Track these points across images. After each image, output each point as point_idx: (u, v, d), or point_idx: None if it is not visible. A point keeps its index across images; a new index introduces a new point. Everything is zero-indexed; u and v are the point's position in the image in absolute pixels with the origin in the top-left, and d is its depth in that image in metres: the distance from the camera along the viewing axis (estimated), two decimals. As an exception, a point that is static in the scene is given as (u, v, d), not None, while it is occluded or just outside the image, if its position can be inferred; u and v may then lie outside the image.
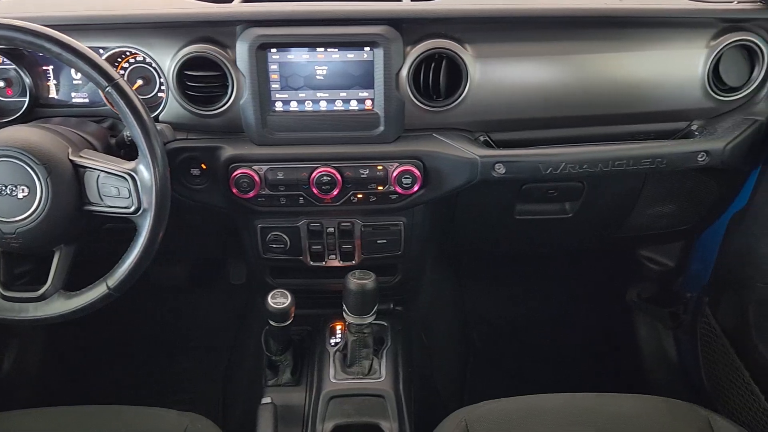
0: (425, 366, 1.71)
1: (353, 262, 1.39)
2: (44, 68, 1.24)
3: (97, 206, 1.07)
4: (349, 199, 1.27)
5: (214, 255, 1.93)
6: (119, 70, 1.23)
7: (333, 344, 1.42)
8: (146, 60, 1.21)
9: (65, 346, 1.87)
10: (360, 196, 1.27)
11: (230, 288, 2.01)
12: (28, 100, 1.23)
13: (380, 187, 1.25)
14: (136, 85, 1.24)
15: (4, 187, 1.02)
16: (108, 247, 1.14)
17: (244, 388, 1.68)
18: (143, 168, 1.04)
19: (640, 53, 1.24)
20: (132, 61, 1.23)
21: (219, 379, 1.89)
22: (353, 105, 1.22)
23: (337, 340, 1.43)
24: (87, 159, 1.06)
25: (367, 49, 1.18)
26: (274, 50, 1.17)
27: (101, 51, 1.20)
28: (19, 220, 1.03)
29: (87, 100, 1.26)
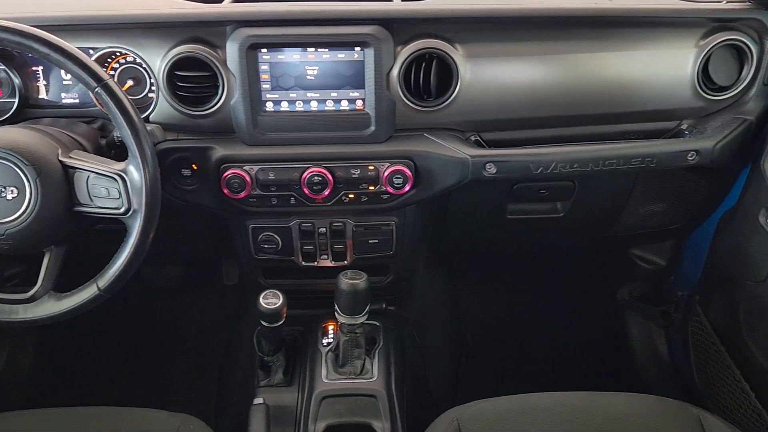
0: (418, 366, 1.71)
1: (345, 262, 1.39)
2: (34, 69, 1.24)
3: (87, 207, 1.07)
4: (340, 199, 1.27)
5: (206, 256, 1.93)
6: (109, 71, 1.23)
7: (325, 344, 1.42)
8: (136, 60, 1.21)
9: (57, 347, 1.86)
10: (351, 196, 1.27)
11: (223, 289, 2.01)
12: (18, 101, 1.22)
13: (371, 187, 1.26)
14: (126, 86, 1.23)
15: None
16: (99, 248, 1.13)
17: (237, 389, 1.68)
18: (133, 169, 1.03)
19: (630, 53, 1.24)
20: (122, 61, 1.23)
21: (212, 379, 1.88)
22: (344, 105, 1.22)
23: (330, 341, 1.43)
24: (76, 160, 1.05)
25: (357, 49, 1.18)
26: (264, 50, 1.17)
27: (91, 51, 1.19)
28: (9, 222, 1.03)
29: (77, 101, 1.25)
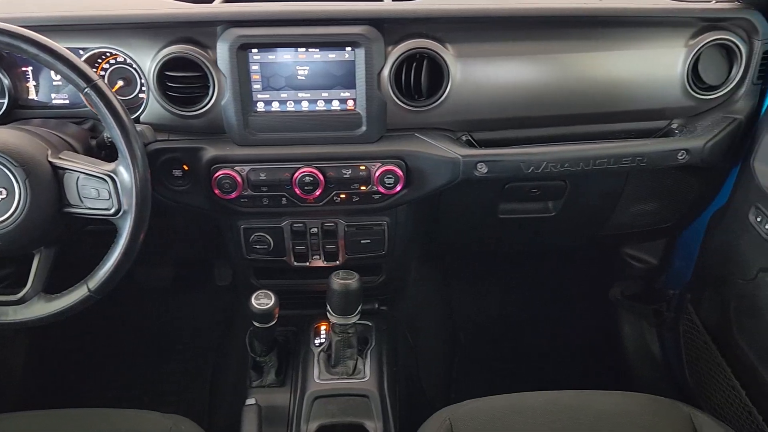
0: (411, 365, 1.71)
1: (337, 262, 1.39)
2: (23, 69, 1.23)
3: (77, 208, 1.06)
4: (332, 200, 1.27)
5: (199, 257, 1.92)
6: (100, 71, 1.23)
7: (317, 345, 1.42)
8: (127, 61, 1.21)
9: (49, 348, 1.86)
10: (343, 196, 1.27)
11: (216, 289, 2.00)
12: (7, 102, 1.22)
13: (363, 187, 1.26)
14: (116, 86, 1.23)
15: None
16: (89, 249, 1.13)
17: (229, 390, 1.68)
18: (123, 169, 1.03)
19: (620, 52, 1.24)
20: (112, 62, 1.23)
21: (205, 380, 1.88)
22: (335, 105, 1.22)
23: (322, 341, 1.43)
24: (66, 161, 1.05)
25: (348, 49, 1.18)
26: (255, 50, 1.17)
27: (81, 52, 1.19)
28: None
29: (67, 102, 1.25)
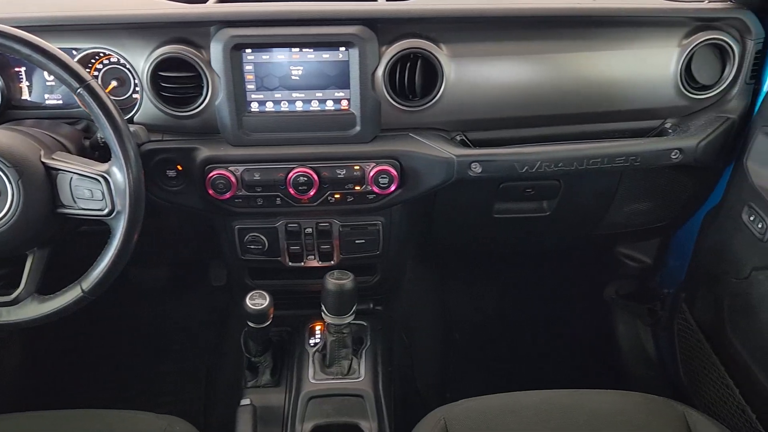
0: (406, 365, 1.71)
1: (332, 262, 1.39)
2: (16, 70, 1.23)
3: (71, 209, 1.06)
4: (326, 200, 1.27)
5: (194, 257, 1.92)
6: (93, 72, 1.22)
7: (312, 345, 1.42)
8: (120, 61, 1.21)
9: (44, 349, 1.85)
10: (337, 196, 1.27)
11: (211, 290, 2.00)
12: (0, 102, 1.21)
13: (357, 187, 1.26)
14: (110, 87, 1.23)
15: None
16: (83, 250, 1.12)
17: (224, 390, 1.68)
18: (116, 170, 1.03)
19: (614, 52, 1.25)
20: (106, 62, 1.22)
21: (200, 381, 1.88)
22: (329, 105, 1.22)
23: (317, 341, 1.42)
24: (59, 161, 1.05)
25: (342, 49, 1.18)
26: (248, 50, 1.17)
27: (74, 52, 1.19)
28: None
29: (60, 102, 1.24)
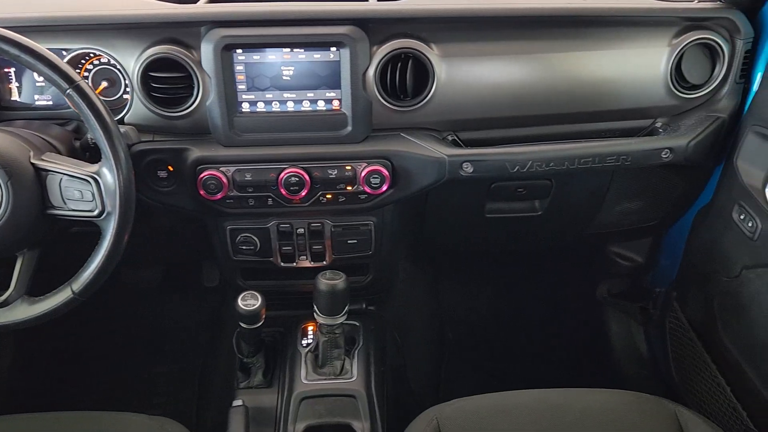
0: (399, 365, 1.71)
1: (324, 262, 1.39)
2: (6, 71, 1.22)
3: (61, 210, 1.06)
4: (318, 200, 1.27)
5: (187, 258, 1.92)
6: (83, 72, 1.22)
7: (305, 345, 1.42)
8: (110, 62, 1.20)
9: (36, 350, 1.84)
10: (329, 196, 1.27)
11: (204, 290, 2.00)
12: None
13: (349, 187, 1.25)
14: (100, 87, 1.23)
15: None
16: (74, 251, 1.12)
17: (217, 391, 1.67)
18: (106, 171, 1.03)
19: (604, 52, 1.25)
20: (96, 62, 1.22)
21: (194, 382, 1.87)
22: (320, 105, 1.22)
23: (309, 341, 1.42)
24: (49, 162, 1.04)
25: (333, 49, 1.18)
26: (239, 51, 1.17)
27: (64, 53, 1.18)
28: None
29: (50, 103, 1.24)
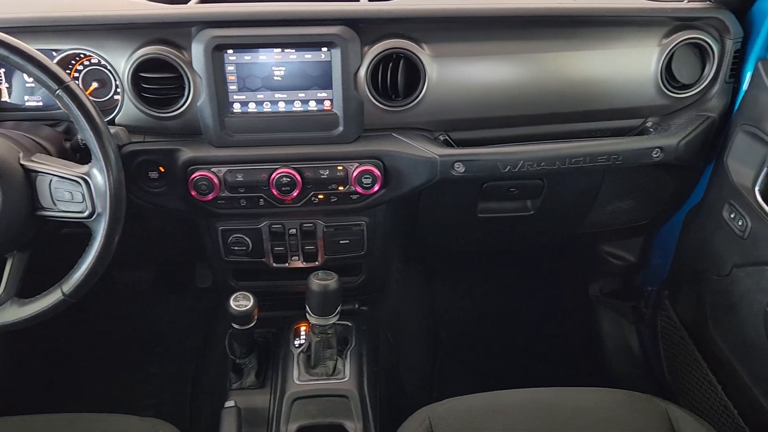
0: (392, 365, 1.71)
1: (316, 263, 1.39)
2: (-5, 72, 1.22)
3: (51, 211, 1.05)
4: (309, 200, 1.27)
5: (179, 258, 1.91)
6: (74, 73, 1.21)
7: (297, 346, 1.42)
8: (101, 62, 1.20)
9: (27, 352, 1.83)
10: (321, 196, 1.26)
11: (197, 291, 1.99)
12: None
13: (341, 188, 1.25)
14: (91, 88, 1.22)
15: None
16: (65, 252, 1.12)
17: (210, 392, 1.67)
18: (97, 172, 1.02)
19: (595, 51, 1.25)
20: (86, 63, 1.21)
21: (186, 383, 1.87)
22: (312, 105, 1.22)
23: (302, 342, 1.42)
24: (39, 163, 1.04)
25: (324, 49, 1.18)
26: (230, 51, 1.17)
27: (54, 53, 1.18)
28: None
29: (41, 104, 1.23)
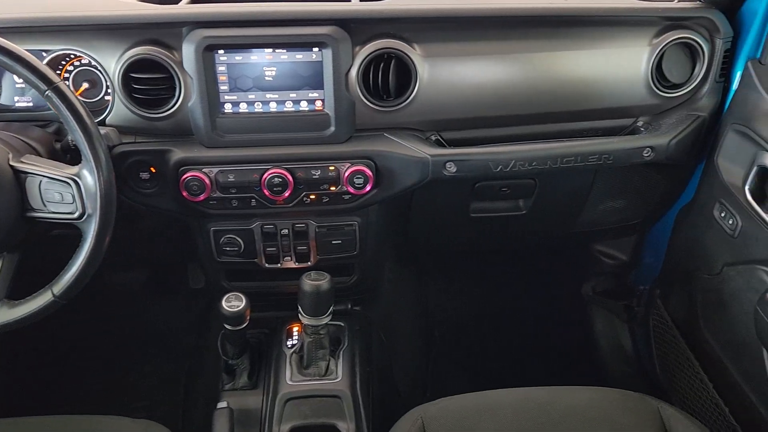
0: (385, 365, 1.71)
1: (309, 263, 1.39)
2: (-16, 73, 1.21)
3: (41, 213, 1.05)
4: (301, 200, 1.27)
5: (171, 260, 1.91)
6: (64, 73, 1.21)
7: (290, 346, 1.42)
8: (91, 63, 1.19)
9: (19, 353, 1.83)
10: (312, 197, 1.26)
11: (190, 292, 1.99)
12: None
13: (333, 188, 1.25)
14: (81, 89, 1.22)
15: None
16: (57, 253, 1.11)
17: (202, 393, 1.67)
18: (87, 173, 1.02)
19: (586, 51, 1.26)
20: (77, 63, 1.21)
21: (179, 384, 1.87)
22: (303, 106, 1.22)
23: (294, 342, 1.42)
24: (28, 164, 1.03)
25: (315, 49, 1.18)
26: (221, 51, 1.16)
27: (44, 54, 1.17)
28: None
29: (31, 104, 1.23)
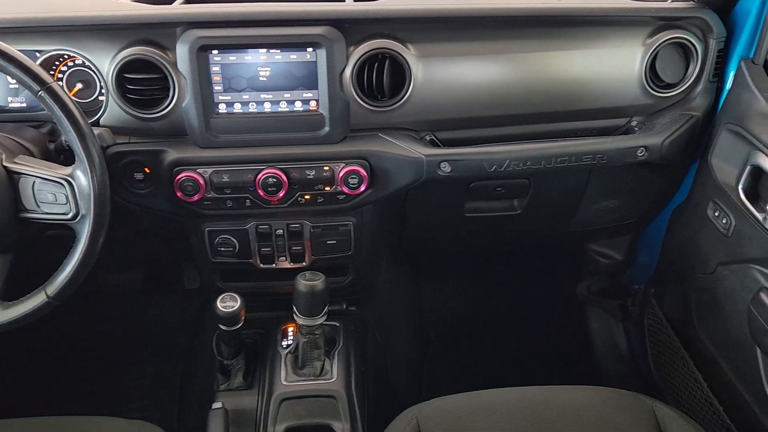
0: (380, 365, 1.71)
1: (304, 263, 1.39)
2: (-23, 73, 1.21)
3: (34, 213, 1.05)
4: (296, 200, 1.27)
5: (167, 260, 1.91)
6: (57, 74, 1.21)
7: (285, 346, 1.42)
8: (85, 63, 1.19)
9: (14, 354, 1.82)
10: (307, 197, 1.26)
11: (186, 293, 1.99)
12: None
13: (327, 188, 1.25)
14: (75, 89, 1.22)
15: None
16: (51, 254, 1.11)
17: (198, 394, 1.67)
18: (80, 173, 1.02)
19: (579, 51, 1.26)
20: (71, 64, 1.21)
21: (175, 385, 1.86)
22: (298, 106, 1.22)
23: (289, 342, 1.42)
24: (21, 165, 1.03)
25: (309, 49, 1.18)
26: (215, 52, 1.16)
27: (37, 54, 1.17)
28: None
29: (24, 105, 1.23)
